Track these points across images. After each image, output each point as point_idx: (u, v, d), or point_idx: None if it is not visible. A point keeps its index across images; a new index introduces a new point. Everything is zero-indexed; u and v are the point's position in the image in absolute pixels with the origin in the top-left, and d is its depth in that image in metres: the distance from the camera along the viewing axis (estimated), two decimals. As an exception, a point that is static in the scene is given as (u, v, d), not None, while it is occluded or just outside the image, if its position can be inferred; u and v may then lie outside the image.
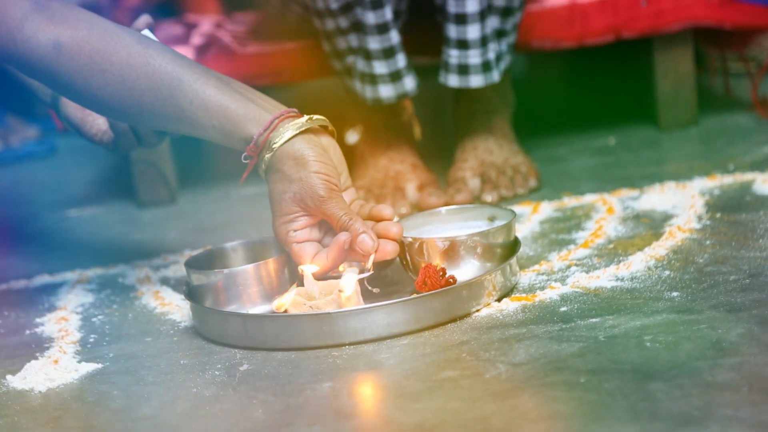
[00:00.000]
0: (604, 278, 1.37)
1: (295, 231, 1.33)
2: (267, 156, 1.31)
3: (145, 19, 1.45)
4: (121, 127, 1.45)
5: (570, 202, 1.71)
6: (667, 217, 1.57)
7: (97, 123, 1.49)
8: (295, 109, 1.34)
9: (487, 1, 1.74)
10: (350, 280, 1.29)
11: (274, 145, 1.30)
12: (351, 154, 1.83)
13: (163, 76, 1.31)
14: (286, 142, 1.30)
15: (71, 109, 1.49)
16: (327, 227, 1.34)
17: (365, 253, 1.31)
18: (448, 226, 1.46)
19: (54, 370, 1.30)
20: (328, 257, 1.32)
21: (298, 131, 1.31)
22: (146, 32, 1.44)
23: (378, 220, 1.35)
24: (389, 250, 1.32)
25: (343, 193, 1.37)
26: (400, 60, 1.75)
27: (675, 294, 1.29)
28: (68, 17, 1.30)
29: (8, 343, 1.42)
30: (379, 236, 1.32)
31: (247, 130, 1.31)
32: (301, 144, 1.31)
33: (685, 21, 1.99)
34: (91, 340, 1.39)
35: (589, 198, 1.71)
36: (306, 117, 1.33)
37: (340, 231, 1.32)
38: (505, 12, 1.77)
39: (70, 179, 2.34)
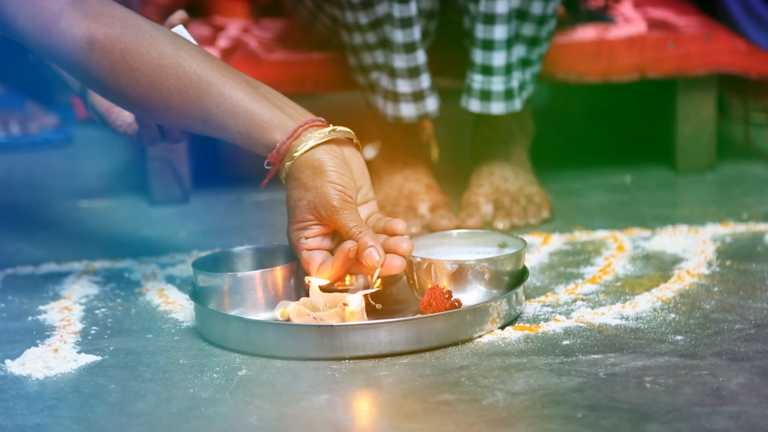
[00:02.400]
0: (609, 315, 1.36)
1: (306, 238, 1.33)
2: (287, 164, 1.31)
3: (180, 14, 1.46)
4: (147, 120, 1.46)
5: (581, 236, 1.71)
6: (676, 260, 1.57)
7: (123, 115, 1.49)
8: (321, 118, 1.35)
9: (515, 29, 1.74)
10: (358, 297, 1.29)
11: (295, 154, 1.31)
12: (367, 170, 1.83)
13: (192, 78, 1.31)
14: (307, 151, 1.31)
15: (98, 99, 1.50)
16: (340, 238, 1.34)
17: (371, 267, 1.31)
18: (457, 250, 1.46)
19: (53, 358, 1.30)
20: (333, 265, 1.32)
21: (320, 141, 1.31)
22: (180, 28, 1.44)
23: (391, 234, 1.35)
24: (396, 265, 1.32)
25: (364, 206, 1.37)
26: (425, 80, 1.75)
27: (679, 337, 1.29)
28: (103, 14, 1.31)
29: (9, 327, 1.42)
30: (389, 251, 1.32)
31: (272, 136, 1.32)
32: (321, 154, 1.31)
33: (710, 66, 1.99)
34: (93, 332, 1.40)
35: (600, 234, 1.71)
36: (330, 127, 1.33)
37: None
38: (532, 42, 1.78)
39: (85, 170, 2.34)
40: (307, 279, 1.33)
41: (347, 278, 1.41)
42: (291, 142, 1.31)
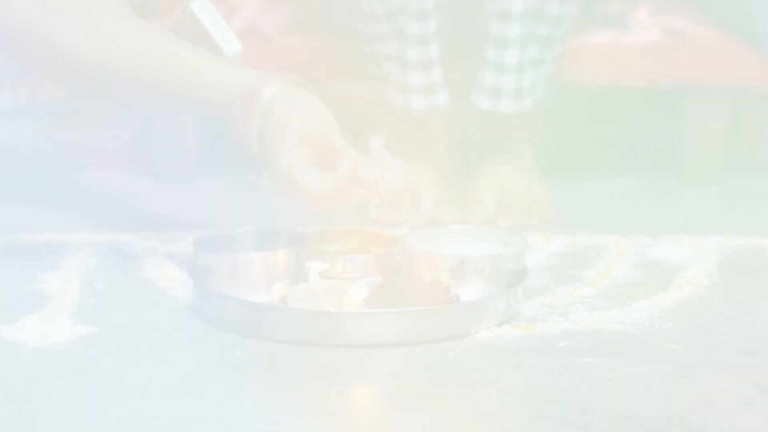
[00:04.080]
0: (607, 320, 1.36)
1: (298, 157, 1.33)
2: (269, 93, 1.34)
3: (202, -13, 1.46)
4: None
5: (583, 239, 1.71)
6: (677, 269, 1.56)
7: None
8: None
9: (530, 28, 1.74)
10: (358, 286, 1.29)
11: (274, 89, 1.34)
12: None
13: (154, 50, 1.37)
14: (284, 87, 1.34)
15: None
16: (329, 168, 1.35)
17: (371, 181, 1.31)
18: (458, 245, 1.46)
19: (49, 327, 1.30)
20: (334, 183, 1.32)
21: (292, 84, 1.35)
22: (204, 1, 1.44)
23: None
24: (394, 176, 1.34)
25: None
26: (437, 73, 1.75)
27: (675, 346, 1.29)
28: None
29: (7, 294, 1.42)
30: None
31: (246, 80, 1.35)
32: (298, 89, 1.35)
33: (723, 78, 1.98)
34: (90, 303, 1.40)
35: (602, 238, 1.71)
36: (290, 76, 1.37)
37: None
38: (546, 42, 1.77)
39: (91, 141, 2.33)
40: (307, 264, 1.33)
41: (344, 267, 1.40)
42: (267, 82, 1.34)
